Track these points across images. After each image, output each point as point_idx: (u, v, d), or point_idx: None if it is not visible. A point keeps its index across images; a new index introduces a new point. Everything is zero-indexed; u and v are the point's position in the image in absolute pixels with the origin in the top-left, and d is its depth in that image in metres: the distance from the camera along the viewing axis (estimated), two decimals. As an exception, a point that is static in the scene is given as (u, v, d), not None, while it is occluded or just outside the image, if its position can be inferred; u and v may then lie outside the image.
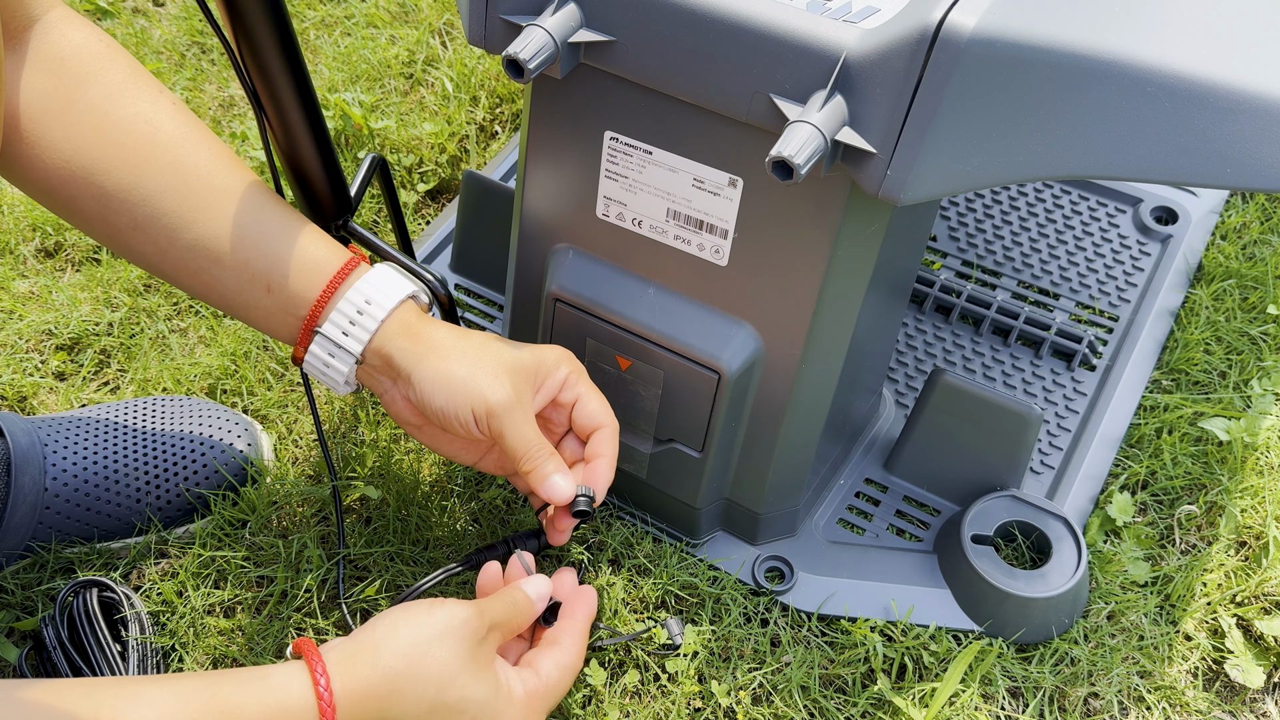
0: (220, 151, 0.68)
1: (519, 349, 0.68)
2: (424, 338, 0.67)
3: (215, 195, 0.66)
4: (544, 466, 0.67)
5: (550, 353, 0.70)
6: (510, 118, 1.17)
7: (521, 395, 0.67)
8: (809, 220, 0.62)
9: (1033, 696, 0.75)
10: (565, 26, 0.59)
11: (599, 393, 0.71)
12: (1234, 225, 1.04)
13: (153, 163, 0.65)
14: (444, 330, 0.68)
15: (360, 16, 1.27)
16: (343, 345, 0.67)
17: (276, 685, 0.56)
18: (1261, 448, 0.87)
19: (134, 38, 1.26)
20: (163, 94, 0.67)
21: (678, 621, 0.77)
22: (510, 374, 0.66)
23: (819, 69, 0.54)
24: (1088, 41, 0.51)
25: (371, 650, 0.59)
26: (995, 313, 0.95)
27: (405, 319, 0.67)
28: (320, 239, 0.69)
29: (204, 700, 0.54)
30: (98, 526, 0.80)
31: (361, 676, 0.58)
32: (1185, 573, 0.80)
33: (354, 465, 0.85)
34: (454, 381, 0.65)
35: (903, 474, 0.86)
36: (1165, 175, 0.53)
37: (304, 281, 0.67)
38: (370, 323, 0.66)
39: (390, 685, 0.58)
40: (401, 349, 0.67)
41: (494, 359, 0.67)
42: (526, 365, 0.67)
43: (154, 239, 0.66)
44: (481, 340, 0.68)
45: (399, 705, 0.58)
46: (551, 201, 0.72)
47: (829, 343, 0.69)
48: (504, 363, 0.67)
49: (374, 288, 0.67)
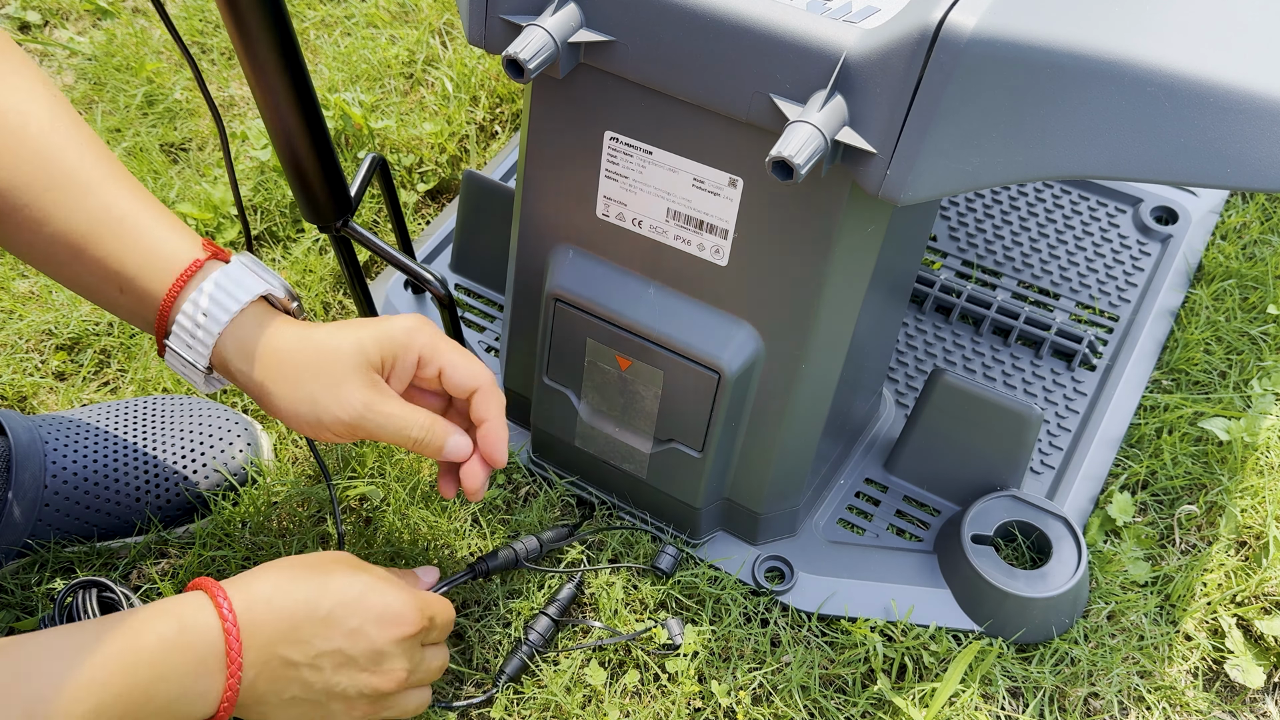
0: (89, 144, 0.66)
1: (361, 336, 0.66)
2: (260, 358, 0.65)
3: (76, 189, 0.65)
4: (431, 440, 0.66)
5: (398, 332, 0.67)
6: (510, 118, 1.17)
7: (374, 390, 0.65)
8: (809, 220, 0.62)
9: (1033, 696, 0.75)
10: (565, 26, 0.59)
11: (465, 352, 0.69)
12: (1234, 225, 1.04)
13: (20, 154, 0.64)
14: (283, 338, 0.65)
15: (360, 16, 1.27)
16: (190, 360, 0.66)
17: (180, 605, 0.58)
18: (1261, 448, 0.87)
19: (134, 38, 1.26)
20: (39, 85, 0.66)
21: (678, 621, 0.77)
22: (356, 374, 0.65)
23: (819, 69, 0.54)
24: (1088, 41, 0.51)
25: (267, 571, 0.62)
26: (995, 313, 0.95)
27: (240, 335, 0.65)
28: (171, 234, 0.66)
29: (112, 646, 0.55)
30: (97, 525, 0.80)
31: (260, 588, 0.60)
32: (1185, 573, 0.80)
33: (354, 465, 0.85)
34: (302, 411, 0.65)
35: (903, 474, 0.86)
36: (1165, 175, 0.53)
37: (150, 284, 0.66)
38: (208, 338, 0.65)
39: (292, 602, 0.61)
40: (242, 373, 0.65)
41: (336, 367, 0.65)
42: (371, 357, 0.66)
43: (22, 229, 0.65)
44: (320, 342, 0.65)
45: (296, 610, 0.61)
46: (551, 201, 0.72)
47: (829, 343, 0.69)
48: (347, 365, 0.65)
49: (210, 299, 0.65)
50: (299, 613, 0.60)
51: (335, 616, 0.61)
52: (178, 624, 0.57)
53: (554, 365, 0.78)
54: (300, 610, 0.60)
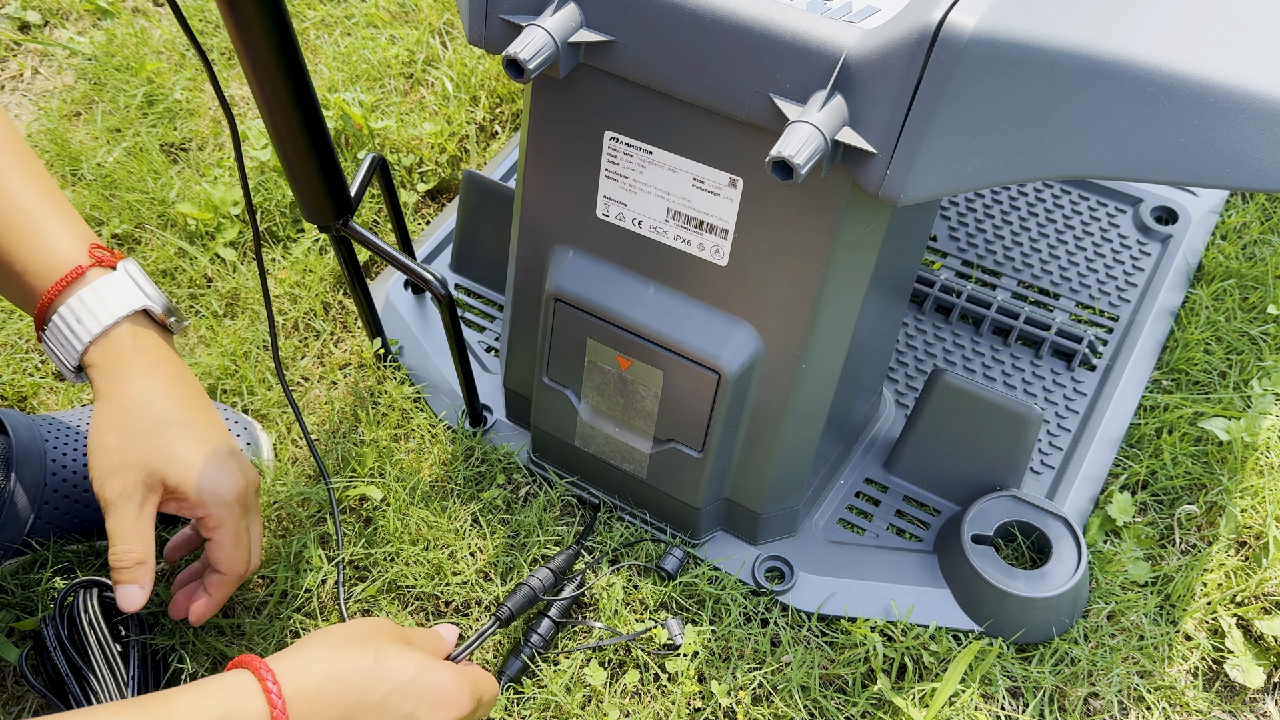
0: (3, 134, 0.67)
1: (177, 454, 0.66)
2: (109, 386, 0.66)
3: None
4: (118, 573, 0.66)
5: (208, 492, 0.67)
6: (510, 118, 1.17)
7: (131, 499, 0.65)
8: (809, 220, 0.62)
9: (1033, 696, 0.75)
10: (565, 26, 0.59)
11: (238, 543, 0.69)
12: (1234, 225, 1.04)
13: None
14: (132, 382, 0.66)
15: (360, 16, 1.27)
16: (60, 359, 0.68)
17: (225, 690, 0.55)
18: (1261, 448, 0.87)
19: (134, 38, 1.26)
20: None
21: (678, 621, 0.77)
22: (135, 473, 0.65)
23: (819, 69, 0.54)
24: (1088, 41, 0.51)
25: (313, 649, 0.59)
26: (995, 313, 0.95)
27: (108, 347, 0.66)
28: (62, 235, 0.67)
29: None
30: (97, 524, 0.80)
31: (310, 672, 0.57)
32: (1185, 573, 0.80)
33: (354, 465, 0.85)
34: (93, 450, 0.66)
35: (903, 474, 0.86)
36: (1165, 175, 0.53)
37: (33, 282, 0.67)
38: (78, 344, 0.66)
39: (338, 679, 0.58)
40: (95, 384, 0.67)
41: (132, 451, 0.65)
42: (154, 480, 0.66)
43: None
44: (147, 420, 0.66)
45: (348, 697, 0.58)
46: (551, 201, 0.72)
47: (829, 343, 0.69)
48: (134, 461, 0.65)
49: (85, 309, 0.66)
50: (351, 699, 0.57)
51: (390, 702, 0.58)
52: (223, 711, 0.54)
53: (554, 365, 0.78)
54: (354, 697, 0.57)
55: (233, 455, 0.69)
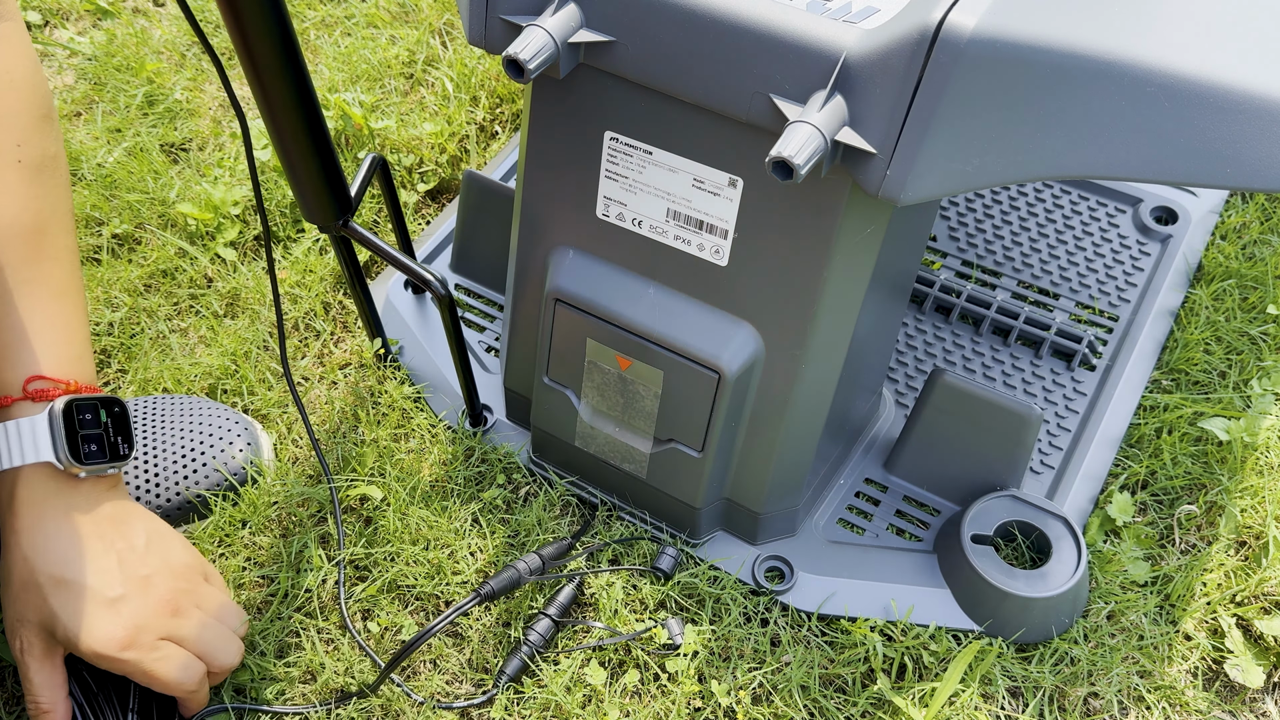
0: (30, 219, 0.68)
1: (54, 617, 0.66)
2: (8, 534, 0.66)
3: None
4: (35, 716, 0.67)
5: (96, 652, 0.65)
6: (510, 118, 1.17)
7: (31, 653, 0.66)
8: (809, 220, 0.62)
9: (1033, 696, 0.75)
10: (565, 27, 0.59)
11: (182, 669, 0.68)
12: (1234, 225, 1.04)
13: None
14: (20, 535, 0.66)
15: (360, 16, 1.28)
16: None
17: None
18: (1261, 448, 0.87)
19: (134, 38, 1.26)
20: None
21: (678, 621, 0.77)
22: (30, 629, 0.66)
23: (819, 69, 0.54)
24: (1088, 41, 0.51)
25: None
26: (995, 313, 0.96)
27: (10, 486, 0.67)
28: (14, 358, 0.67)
29: None
30: None
31: None
32: (1185, 573, 0.80)
33: (354, 465, 0.85)
34: (6, 599, 0.67)
35: (903, 474, 0.86)
36: (1165, 175, 0.53)
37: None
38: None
39: None
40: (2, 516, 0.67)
41: (22, 607, 0.66)
42: (50, 633, 0.66)
43: None
44: (28, 576, 0.66)
45: None
46: (551, 202, 0.72)
47: (829, 343, 0.69)
48: (26, 617, 0.66)
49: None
50: None
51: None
52: None
53: (554, 365, 0.78)
54: None
55: (117, 601, 0.67)
